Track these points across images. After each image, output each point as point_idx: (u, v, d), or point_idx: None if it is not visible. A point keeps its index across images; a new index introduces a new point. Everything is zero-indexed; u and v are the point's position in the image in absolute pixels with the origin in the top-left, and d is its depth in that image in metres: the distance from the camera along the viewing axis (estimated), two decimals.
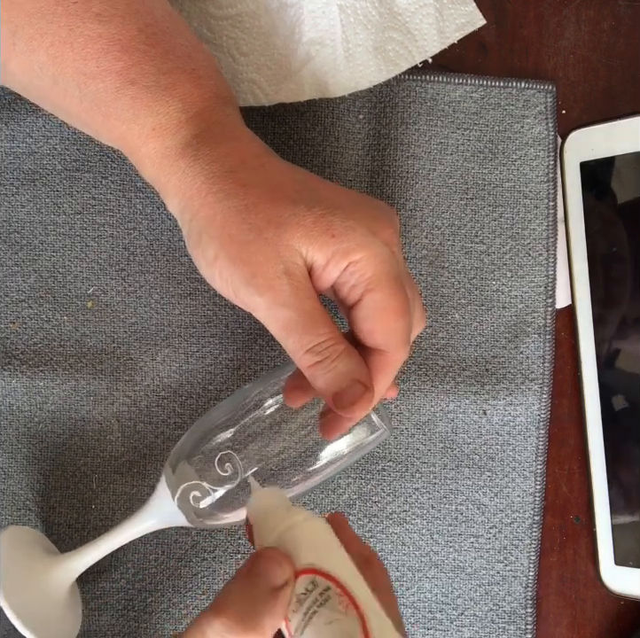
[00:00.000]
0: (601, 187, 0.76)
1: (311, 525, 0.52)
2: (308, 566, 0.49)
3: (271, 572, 0.49)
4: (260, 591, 0.48)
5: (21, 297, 0.75)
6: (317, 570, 0.49)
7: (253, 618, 0.47)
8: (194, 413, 0.76)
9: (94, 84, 0.59)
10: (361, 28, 0.73)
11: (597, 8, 0.79)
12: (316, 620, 0.47)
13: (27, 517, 0.75)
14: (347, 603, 0.47)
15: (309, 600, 0.48)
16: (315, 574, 0.49)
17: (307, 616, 0.48)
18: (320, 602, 0.48)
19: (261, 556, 0.50)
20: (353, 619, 0.47)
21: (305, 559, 0.50)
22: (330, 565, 0.49)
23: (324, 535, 0.52)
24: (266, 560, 0.50)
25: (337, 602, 0.47)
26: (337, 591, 0.48)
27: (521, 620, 0.77)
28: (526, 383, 0.77)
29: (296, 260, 0.58)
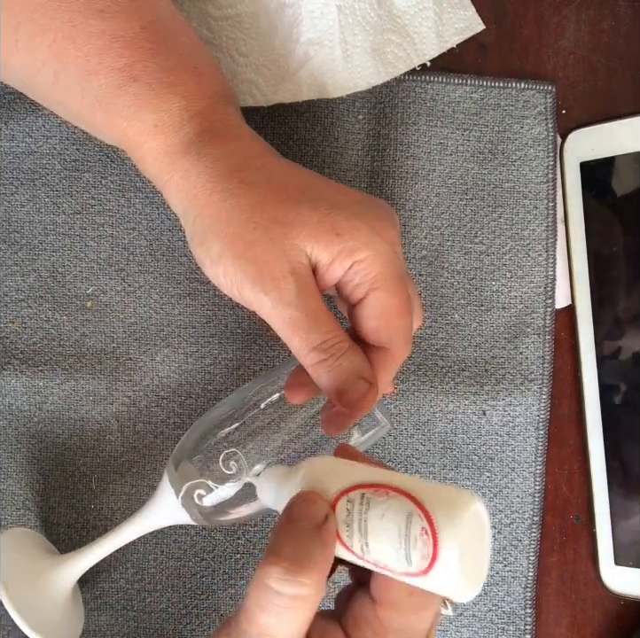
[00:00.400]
0: (601, 187, 0.76)
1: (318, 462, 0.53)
2: (337, 492, 0.50)
3: (309, 512, 0.50)
4: (305, 532, 0.49)
5: (21, 296, 0.75)
6: (346, 488, 0.50)
7: (307, 556, 0.48)
8: (193, 413, 0.76)
9: (96, 81, 0.59)
10: (359, 30, 0.73)
11: (597, 8, 0.79)
12: (371, 526, 0.48)
13: (27, 517, 0.74)
14: (384, 491, 0.48)
15: (355, 515, 0.49)
16: (346, 494, 0.50)
17: (362, 530, 0.49)
18: (364, 509, 0.49)
19: (293, 502, 0.51)
20: (397, 498, 0.48)
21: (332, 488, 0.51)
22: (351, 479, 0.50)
23: (334, 462, 0.53)
24: (300, 503, 0.51)
25: (377, 498, 0.48)
26: (371, 491, 0.49)
27: (520, 621, 0.77)
28: (526, 383, 0.77)
29: (302, 259, 0.58)
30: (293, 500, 0.51)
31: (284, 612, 0.48)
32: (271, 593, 0.48)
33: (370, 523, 0.48)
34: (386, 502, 0.48)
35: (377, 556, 0.48)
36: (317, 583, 0.48)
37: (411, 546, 0.47)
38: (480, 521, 0.48)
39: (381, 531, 0.48)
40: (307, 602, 0.48)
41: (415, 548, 0.47)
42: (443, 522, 0.46)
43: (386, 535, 0.48)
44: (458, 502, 0.47)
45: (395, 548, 0.47)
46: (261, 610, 0.48)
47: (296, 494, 0.52)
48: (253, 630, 0.49)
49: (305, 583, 0.48)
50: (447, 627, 0.77)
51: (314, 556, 0.48)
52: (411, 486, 0.48)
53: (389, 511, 0.48)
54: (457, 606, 0.77)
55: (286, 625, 0.48)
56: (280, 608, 0.48)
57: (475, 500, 0.47)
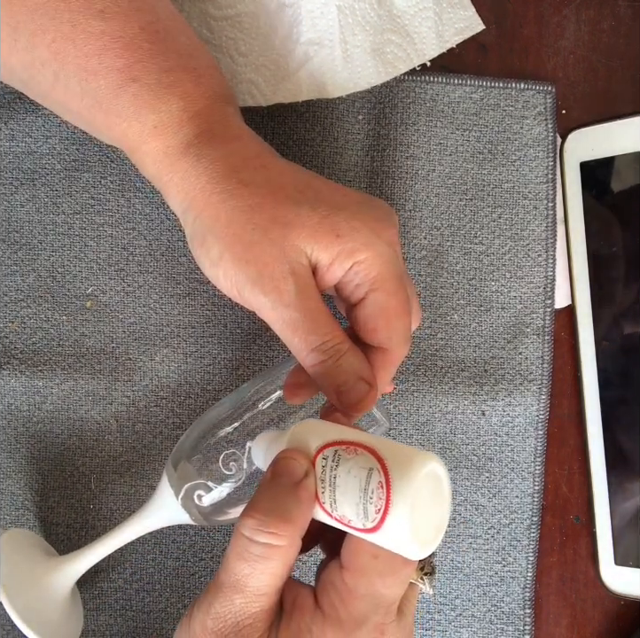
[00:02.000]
0: (601, 187, 0.76)
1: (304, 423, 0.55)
2: (316, 449, 0.52)
3: (290, 469, 0.52)
4: (284, 488, 0.51)
5: (20, 296, 0.75)
6: (322, 446, 0.52)
7: (282, 510, 0.51)
8: (193, 413, 0.76)
9: (95, 81, 0.59)
10: (359, 30, 0.73)
11: (597, 8, 0.78)
12: (338, 481, 0.50)
13: (26, 517, 0.75)
14: (353, 449, 0.50)
15: (327, 471, 0.51)
16: (322, 451, 0.52)
17: (331, 485, 0.51)
18: (334, 465, 0.51)
19: (277, 458, 0.53)
20: (364, 455, 0.50)
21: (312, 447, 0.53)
22: (328, 437, 0.52)
23: (319, 423, 0.56)
24: (282, 460, 0.53)
25: (345, 454, 0.50)
26: (342, 448, 0.51)
27: (520, 621, 0.77)
28: (525, 383, 0.77)
29: (301, 260, 0.58)
30: (277, 456, 0.53)
31: (258, 561, 0.50)
32: (246, 541, 0.50)
33: (339, 478, 0.50)
34: (353, 458, 0.50)
35: (342, 512, 0.50)
36: (291, 536, 0.51)
37: (368, 499, 0.48)
38: (438, 481, 0.49)
39: (346, 485, 0.50)
40: (279, 554, 0.50)
41: (371, 502, 0.48)
42: (397, 477, 0.48)
43: (349, 489, 0.50)
44: (415, 460, 0.48)
45: (356, 502, 0.49)
46: (236, 559, 0.51)
47: (280, 451, 0.54)
48: (228, 579, 0.51)
49: (278, 534, 0.50)
50: (446, 628, 0.77)
51: (289, 511, 0.51)
52: (377, 444, 0.50)
53: (355, 467, 0.49)
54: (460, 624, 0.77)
55: (259, 574, 0.50)
56: (254, 556, 0.50)
57: (432, 460, 0.49)
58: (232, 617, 0.51)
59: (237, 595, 0.51)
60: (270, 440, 0.57)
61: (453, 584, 0.77)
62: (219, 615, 0.51)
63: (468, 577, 0.77)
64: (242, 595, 0.51)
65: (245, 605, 0.51)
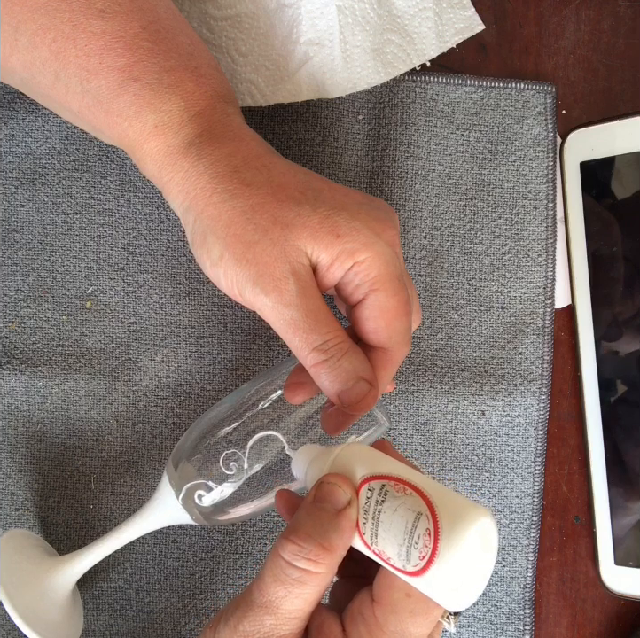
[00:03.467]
0: (601, 187, 0.76)
1: (352, 447, 0.55)
2: (362, 478, 0.52)
3: (334, 495, 0.52)
4: (326, 514, 0.51)
5: (20, 296, 0.75)
6: (370, 476, 0.52)
7: (323, 537, 0.51)
8: (193, 413, 0.76)
9: (96, 81, 0.59)
10: (359, 30, 0.73)
11: (597, 8, 0.79)
12: (383, 516, 0.50)
13: (26, 517, 0.75)
14: (402, 487, 0.50)
15: (372, 504, 0.51)
16: (369, 482, 0.51)
17: (374, 519, 0.50)
18: (381, 500, 0.50)
19: (322, 482, 0.53)
20: (413, 496, 0.49)
21: (358, 475, 0.52)
22: (377, 468, 0.52)
23: (366, 450, 0.55)
24: (327, 485, 0.52)
25: (394, 491, 0.50)
26: (391, 484, 0.50)
27: (519, 621, 0.77)
28: (525, 384, 0.77)
29: (302, 260, 0.58)
30: (321, 481, 0.53)
31: (294, 585, 0.50)
32: (284, 564, 0.50)
33: (384, 514, 0.50)
34: (401, 498, 0.49)
35: (382, 548, 0.50)
36: (329, 565, 0.51)
37: (413, 544, 0.48)
38: (487, 538, 0.49)
39: (391, 523, 0.49)
40: (316, 580, 0.50)
41: (416, 547, 0.48)
42: (447, 528, 0.47)
43: (394, 528, 0.49)
44: (467, 514, 0.48)
45: (399, 543, 0.48)
46: (273, 580, 0.50)
47: (325, 475, 0.53)
48: (261, 599, 0.51)
49: (316, 561, 0.50)
50: None
51: (329, 539, 0.50)
52: (429, 488, 0.49)
53: (402, 506, 0.49)
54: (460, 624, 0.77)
55: (293, 598, 0.50)
56: (290, 580, 0.50)
57: (485, 516, 0.48)
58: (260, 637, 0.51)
59: (268, 615, 0.51)
60: (314, 456, 0.56)
61: None
62: (247, 633, 0.51)
63: None
64: (274, 616, 0.51)
65: (275, 627, 0.51)
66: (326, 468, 0.54)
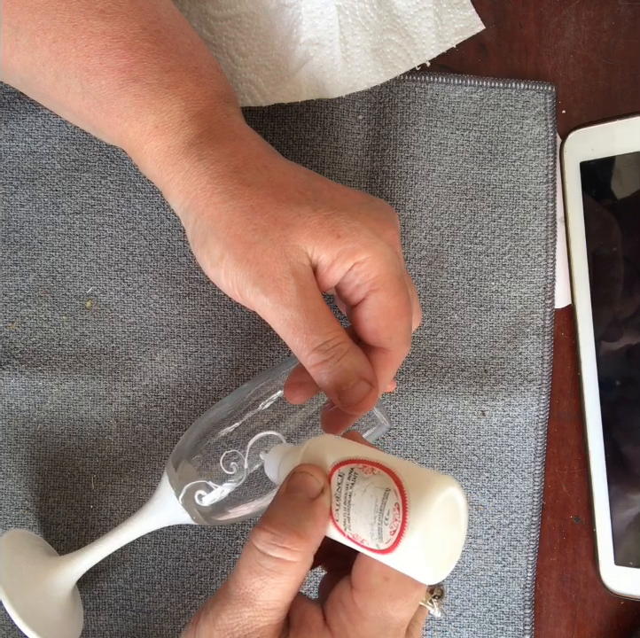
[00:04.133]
0: (601, 187, 0.76)
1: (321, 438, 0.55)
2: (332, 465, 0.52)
3: (306, 484, 0.52)
4: (299, 503, 0.51)
5: (20, 296, 0.75)
6: (339, 463, 0.52)
7: (297, 525, 0.50)
8: (193, 413, 0.76)
9: (97, 81, 0.59)
10: (359, 30, 0.73)
11: (597, 8, 0.79)
12: (354, 499, 0.50)
13: (26, 517, 0.75)
14: (370, 468, 0.50)
15: (342, 489, 0.51)
16: (338, 468, 0.52)
17: (346, 503, 0.50)
18: (350, 483, 0.50)
19: (294, 472, 0.53)
20: (381, 475, 0.49)
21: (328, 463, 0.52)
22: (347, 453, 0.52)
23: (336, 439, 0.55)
24: (299, 474, 0.52)
25: (362, 473, 0.50)
26: (359, 466, 0.51)
27: (519, 621, 0.77)
28: (525, 384, 0.77)
29: (302, 261, 0.58)
30: (294, 470, 0.53)
31: (269, 575, 0.50)
32: (258, 554, 0.50)
33: (354, 496, 0.50)
34: (370, 478, 0.50)
35: (355, 530, 0.50)
36: (304, 553, 0.51)
37: (384, 520, 0.48)
38: (455, 507, 0.49)
39: (361, 504, 0.49)
40: (292, 569, 0.50)
41: (386, 523, 0.48)
42: (414, 500, 0.47)
43: (364, 508, 0.49)
44: (434, 484, 0.48)
45: (370, 522, 0.49)
46: (248, 572, 0.50)
47: (297, 466, 0.53)
48: (238, 591, 0.51)
49: (291, 550, 0.50)
50: (446, 628, 0.77)
51: (304, 527, 0.50)
52: (395, 465, 0.50)
53: (371, 486, 0.49)
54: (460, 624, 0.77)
55: (270, 588, 0.50)
56: (266, 570, 0.50)
57: (451, 484, 0.48)
58: (240, 630, 0.51)
59: (246, 607, 0.51)
60: (285, 454, 0.57)
61: (453, 584, 0.77)
62: (226, 627, 0.51)
63: (468, 577, 0.77)
64: (251, 608, 0.51)
65: (254, 619, 0.51)
66: (298, 460, 0.54)
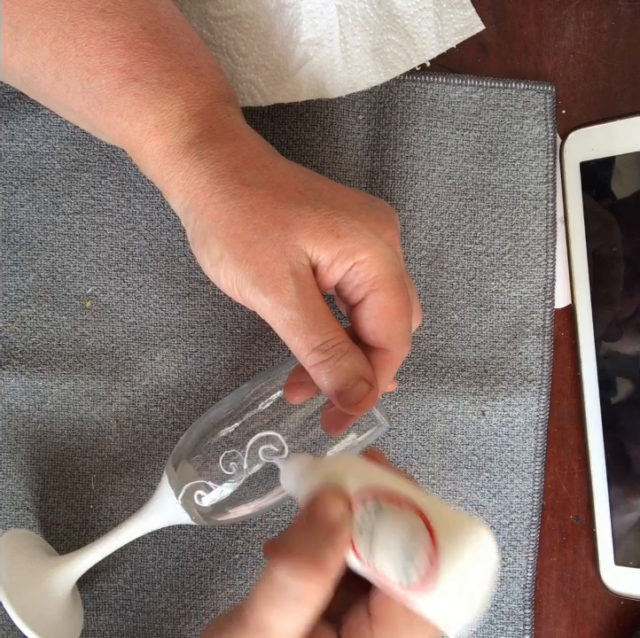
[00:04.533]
0: (601, 187, 0.76)
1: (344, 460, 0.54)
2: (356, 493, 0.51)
3: (328, 512, 0.50)
4: (319, 531, 0.50)
5: (20, 296, 0.75)
6: (363, 492, 0.50)
7: (316, 555, 0.49)
8: (193, 413, 0.76)
9: (97, 80, 0.59)
10: (359, 30, 0.73)
11: (597, 8, 0.78)
12: (378, 532, 0.49)
13: (26, 517, 0.75)
14: (398, 503, 0.49)
15: (367, 520, 0.49)
16: (363, 496, 0.50)
17: (370, 535, 0.49)
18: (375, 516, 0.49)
19: (314, 498, 0.51)
20: (409, 513, 0.48)
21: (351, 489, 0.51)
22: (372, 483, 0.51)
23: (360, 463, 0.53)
24: (320, 501, 0.51)
25: (389, 508, 0.49)
26: (386, 499, 0.49)
27: (519, 621, 0.77)
28: (525, 384, 0.77)
29: (302, 260, 0.58)
30: (315, 495, 0.52)
31: (287, 608, 0.48)
32: (277, 586, 0.48)
33: (380, 530, 0.49)
34: (397, 513, 0.48)
35: (378, 565, 0.49)
36: (323, 583, 0.49)
37: (411, 560, 0.47)
38: (485, 552, 0.48)
39: (387, 539, 0.48)
40: (310, 602, 0.49)
41: (414, 564, 0.47)
42: (446, 546, 0.46)
43: (390, 545, 0.48)
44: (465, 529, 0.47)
45: (396, 560, 0.48)
46: (265, 602, 0.49)
47: (319, 489, 0.52)
48: (254, 620, 0.49)
49: (312, 582, 0.48)
50: None
51: (324, 557, 0.49)
52: (425, 504, 0.48)
53: (399, 522, 0.48)
54: None
55: (287, 621, 0.49)
56: (284, 603, 0.48)
57: (483, 532, 0.47)
58: None
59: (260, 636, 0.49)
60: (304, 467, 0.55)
61: None
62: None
63: None
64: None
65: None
66: (318, 479, 0.53)
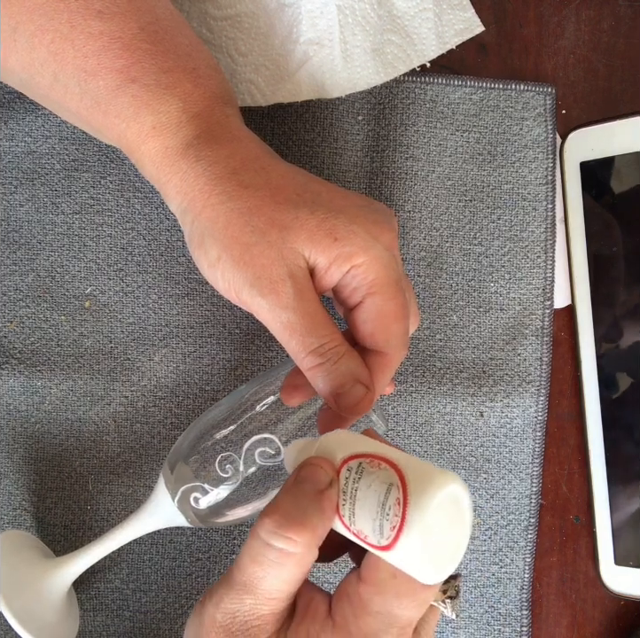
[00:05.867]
0: (601, 187, 0.76)
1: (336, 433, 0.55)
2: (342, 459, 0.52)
3: (315, 476, 0.52)
4: (307, 494, 0.51)
5: (19, 296, 0.75)
6: (348, 457, 0.51)
7: (302, 516, 0.50)
8: (191, 413, 0.76)
9: (94, 82, 0.59)
10: (359, 30, 0.73)
11: (597, 8, 0.78)
12: (359, 494, 0.49)
13: (23, 518, 0.75)
14: (377, 463, 0.50)
15: (350, 484, 0.50)
16: (347, 462, 0.51)
17: (352, 498, 0.50)
18: (357, 478, 0.50)
19: (304, 463, 0.53)
20: (386, 470, 0.49)
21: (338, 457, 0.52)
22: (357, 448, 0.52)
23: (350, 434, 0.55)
24: (309, 466, 0.52)
25: (369, 467, 0.50)
26: (367, 461, 0.50)
27: (517, 622, 0.77)
28: (524, 385, 0.77)
29: (299, 263, 0.58)
30: (303, 462, 0.53)
31: (272, 565, 0.50)
32: (262, 543, 0.50)
33: (359, 491, 0.50)
34: (375, 472, 0.49)
35: (359, 526, 0.50)
36: (307, 544, 0.50)
37: (385, 516, 0.48)
38: (458, 504, 0.48)
39: (365, 499, 0.49)
40: (294, 560, 0.50)
41: (387, 518, 0.47)
42: (415, 495, 0.47)
43: (368, 504, 0.49)
44: (436, 479, 0.47)
45: (373, 517, 0.48)
46: (251, 560, 0.50)
47: (306, 458, 0.53)
48: (241, 578, 0.51)
49: (295, 540, 0.50)
50: (443, 629, 0.77)
51: (309, 518, 0.50)
52: (401, 460, 0.49)
53: (376, 481, 0.49)
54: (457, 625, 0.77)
55: (272, 578, 0.50)
56: (268, 560, 0.50)
57: (454, 481, 0.47)
58: (241, 615, 0.51)
59: (247, 595, 0.51)
60: (301, 447, 0.56)
61: None
62: (228, 611, 0.51)
63: (465, 578, 0.77)
64: (253, 596, 0.51)
65: (255, 607, 0.51)
66: (312, 454, 0.54)
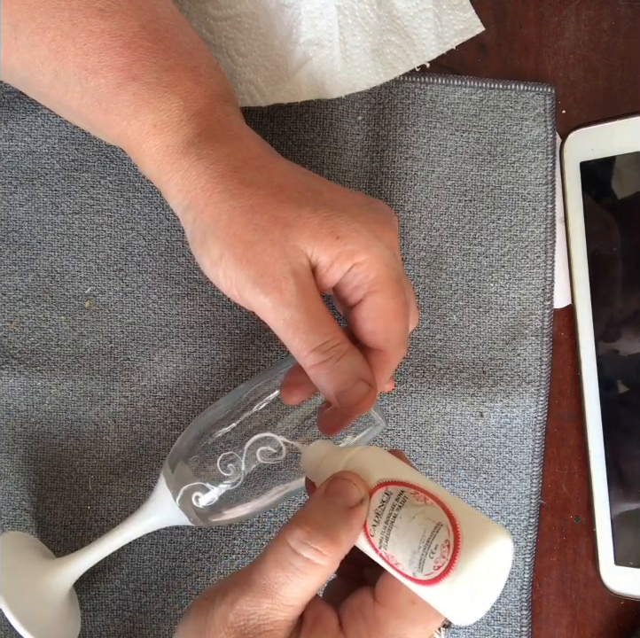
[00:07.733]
0: (601, 187, 0.76)
1: (370, 450, 0.55)
2: (379, 481, 0.52)
3: (347, 492, 0.52)
4: (337, 508, 0.51)
5: (19, 296, 0.75)
6: (388, 481, 0.52)
7: (331, 530, 0.51)
8: (191, 413, 0.76)
9: (95, 79, 0.59)
10: (359, 30, 0.73)
11: (597, 8, 0.78)
12: (398, 522, 0.50)
13: (23, 518, 0.75)
14: (423, 497, 0.50)
15: (387, 508, 0.51)
16: (386, 486, 0.52)
17: (388, 523, 0.50)
18: (398, 505, 0.50)
19: (336, 477, 0.53)
20: (434, 507, 0.49)
21: (375, 477, 0.52)
22: (398, 475, 0.52)
23: (385, 455, 0.55)
24: (341, 480, 0.53)
25: (414, 499, 0.50)
26: (411, 491, 0.51)
27: (516, 622, 0.77)
28: (523, 385, 0.77)
29: (302, 261, 0.58)
30: (336, 475, 0.53)
31: (296, 573, 0.50)
32: (289, 551, 0.50)
33: (399, 519, 0.50)
34: (421, 507, 0.50)
35: (392, 552, 0.50)
36: (333, 558, 0.51)
37: (429, 553, 0.48)
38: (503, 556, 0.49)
39: (406, 530, 0.49)
40: (318, 571, 0.50)
41: (431, 556, 0.48)
42: (467, 543, 0.47)
43: (409, 535, 0.49)
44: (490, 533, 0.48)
45: (413, 550, 0.49)
46: (276, 565, 0.51)
47: (340, 471, 0.53)
48: (261, 581, 0.51)
49: (322, 553, 0.50)
50: None
51: (337, 533, 0.51)
52: (450, 502, 0.50)
53: (421, 515, 0.49)
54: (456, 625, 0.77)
55: (293, 586, 0.50)
56: (293, 568, 0.50)
57: (505, 537, 0.48)
58: (256, 618, 0.51)
59: (265, 599, 0.51)
60: (328, 453, 0.56)
61: None
62: (243, 612, 0.51)
63: None
64: (271, 600, 0.51)
65: (271, 611, 0.51)
66: (342, 465, 0.54)
